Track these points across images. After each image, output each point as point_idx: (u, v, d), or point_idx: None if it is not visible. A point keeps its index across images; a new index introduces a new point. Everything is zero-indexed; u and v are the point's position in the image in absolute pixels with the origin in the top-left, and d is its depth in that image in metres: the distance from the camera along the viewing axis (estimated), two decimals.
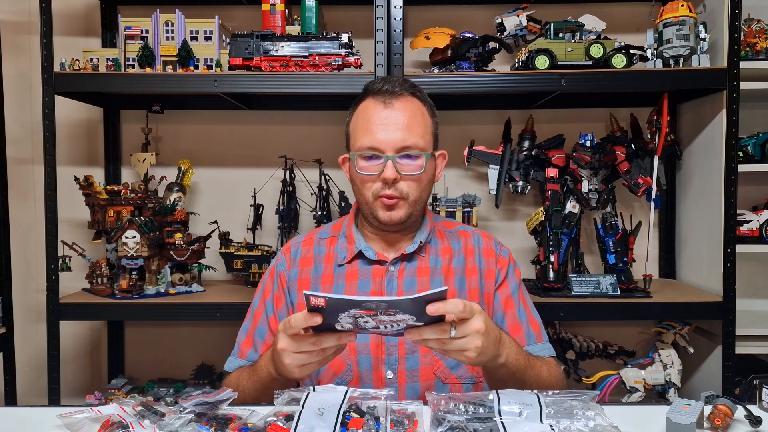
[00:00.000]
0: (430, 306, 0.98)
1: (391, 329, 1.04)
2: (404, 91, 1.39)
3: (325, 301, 0.97)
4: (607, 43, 2.03)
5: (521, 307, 1.45)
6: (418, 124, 1.37)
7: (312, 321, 1.02)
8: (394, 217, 1.37)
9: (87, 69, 2.04)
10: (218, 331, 2.47)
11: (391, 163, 1.33)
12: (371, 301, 0.96)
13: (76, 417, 1.04)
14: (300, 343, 1.07)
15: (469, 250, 1.47)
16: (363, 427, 0.94)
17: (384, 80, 1.41)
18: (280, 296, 1.45)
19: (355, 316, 0.99)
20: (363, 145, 1.36)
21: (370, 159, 1.36)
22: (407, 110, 1.37)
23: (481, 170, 2.43)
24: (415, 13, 2.40)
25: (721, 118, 2.03)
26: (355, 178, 1.40)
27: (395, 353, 1.36)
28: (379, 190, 1.36)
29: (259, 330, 1.44)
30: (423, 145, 1.36)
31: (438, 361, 1.36)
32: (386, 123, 1.35)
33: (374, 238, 1.47)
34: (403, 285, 1.40)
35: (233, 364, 1.43)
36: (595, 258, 2.34)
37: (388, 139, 1.34)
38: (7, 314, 2.13)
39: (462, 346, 1.05)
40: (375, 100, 1.38)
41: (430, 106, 1.44)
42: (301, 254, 1.48)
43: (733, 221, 2.02)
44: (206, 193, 2.50)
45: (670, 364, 2.09)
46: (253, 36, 2.02)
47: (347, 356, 1.36)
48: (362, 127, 1.38)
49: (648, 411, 1.13)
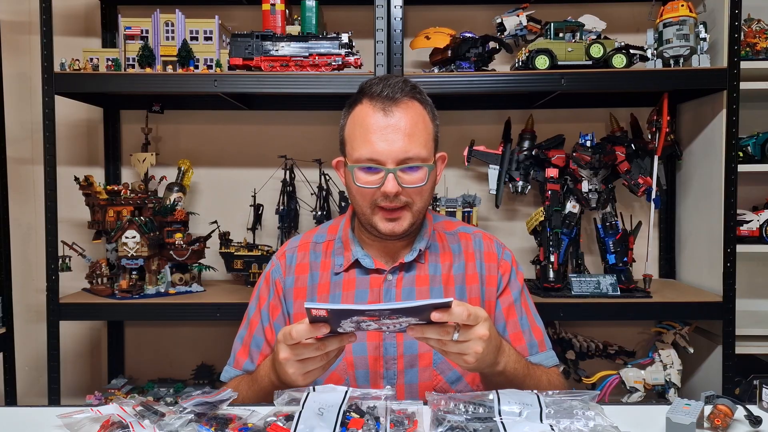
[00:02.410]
0: (434, 313, 0.98)
1: (394, 328, 1.04)
2: (404, 96, 1.30)
3: (328, 312, 0.97)
4: (607, 43, 2.03)
5: (523, 315, 1.41)
6: (420, 132, 1.29)
7: (317, 332, 1.01)
8: (396, 230, 1.31)
9: (87, 69, 2.04)
10: (218, 331, 2.47)
11: (392, 176, 1.26)
12: (374, 310, 0.96)
13: (76, 417, 1.04)
14: (302, 351, 1.06)
15: (470, 254, 1.42)
16: (363, 427, 0.94)
17: (382, 82, 1.31)
18: (276, 305, 1.41)
19: (358, 321, 0.99)
20: (362, 156, 1.28)
21: (369, 170, 1.29)
22: (409, 118, 1.28)
23: (481, 170, 2.42)
24: (415, 13, 2.40)
25: (721, 118, 2.03)
26: (353, 189, 1.33)
27: (394, 367, 1.33)
28: (379, 201, 1.29)
29: (255, 340, 1.41)
30: (425, 155, 1.29)
31: (437, 376, 1.33)
32: (386, 133, 1.27)
33: (371, 244, 1.41)
34: (401, 294, 1.36)
35: (230, 374, 1.41)
36: (595, 258, 2.34)
37: (389, 151, 1.26)
38: (7, 314, 2.13)
39: (462, 350, 1.05)
40: (373, 106, 1.29)
41: (431, 108, 1.36)
42: (296, 260, 1.43)
43: (733, 221, 2.02)
44: (206, 193, 2.50)
45: (670, 364, 2.09)
46: (253, 36, 2.02)
47: (345, 371, 1.33)
48: (360, 136, 1.29)
49: (648, 411, 1.13)
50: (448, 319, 1.00)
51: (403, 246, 1.40)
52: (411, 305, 0.96)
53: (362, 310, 0.96)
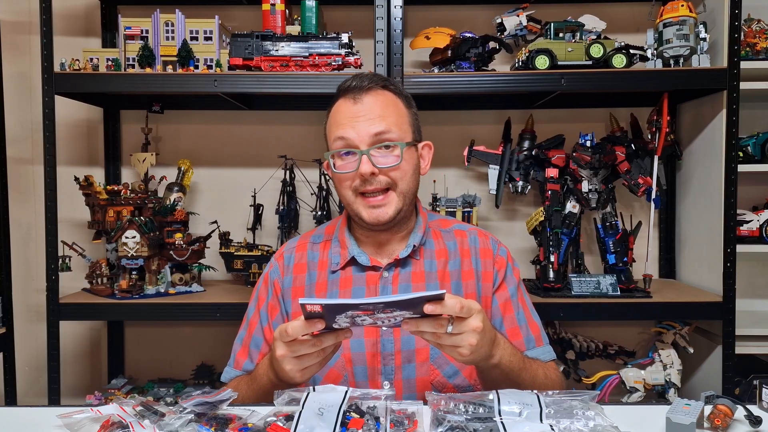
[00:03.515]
0: (427, 306, 0.98)
1: (389, 323, 1.04)
2: (374, 85, 1.35)
3: (322, 306, 0.97)
4: (607, 43, 2.03)
5: (520, 310, 1.41)
6: (390, 113, 1.33)
7: (312, 328, 1.02)
8: (382, 217, 1.33)
9: (87, 69, 2.04)
10: (218, 331, 2.47)
11: (365, 158, 1.29)
12: (368, 304, 0.96)
13: (76, 417, 1.04)
14: (298, 348, 1.06)
15: (465, 251, 1.43)
16: (363, 427, 0.94)
17: (354, 77, 1.37)
18: (274, 305, 1.42)
19: (353, 316, 0.99)
20: (336, 144, 1.33)
21: (345, 156, 1.33)
22: (378, 102, 1.34)
23: (481, 170, 2.43)
24: (415, 13, 2.40)
25: (721, 118, 2.03)
26: (334, 179, 1.37)
27: (391, 363, 1.33)
28: (359, 187, 1.32)
29: (254, 340, 1.41)
30: (398, 134, 1.32)
31: (435, 371, 1.34)
32: (357, 117, 1.31)
33: (366, 241, 1.42)
34: (398, 291, 1.37)
35: (230, 375, 1.41)
36: (595, 258, 2.34)
37: (360, 132, 1.30)
38: (7, 314, 2.13)
39: (457, 342, 1.05)
40: (345, 99, 1.35)
41: (405, 98, 1.40)
42: (294, 260, 1.45)
43: (733, 221, 2.02)
44: (206, 193, 2.50)
45: (670, 364, 2.09)
46: (253, 36, 2.02)
47: (343, 368, 1.34)
48: (334, 125, 1.35)
49: (648, 411, 1.13)
50: (441, 311, 0.99)
51: (397, 242, 1.42)
52: (403, 298, 0.96)
53: (356, 304, 0.96)
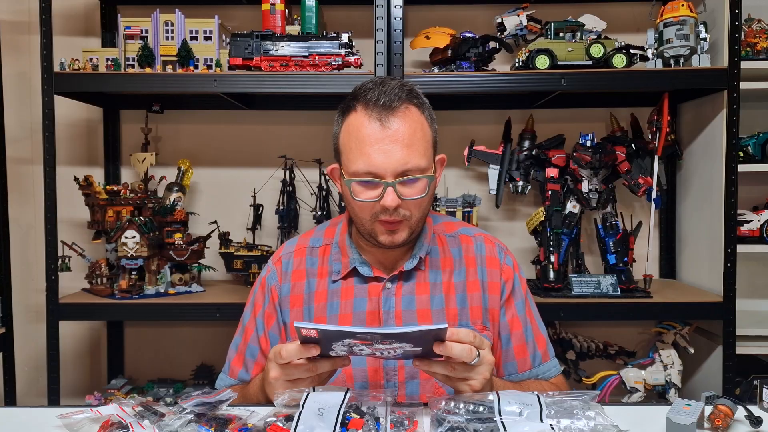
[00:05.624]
0: (437, 347, 0.99)
1: (388, 355, 1.02)
2: (400, 103, 1.22)
3: (318, 332, 0.96)
4: (608, 43, 2.02)
5: (528, 325, 1.38)
6: (419, 140, 1.22)
7: (307, 353, 1.01)
8: (397, 240, 1.26)
9: (87, 69, 2.04)
10: (218, 331, 2.47)
11: (391, 190, 1.20)
12: (366, 333, 0.94)
13: (75, 417, 1.04)
14: (292, 372, 1.05)
15: (471, 259, 1.37)
16: (363, 428, 0.94)
17: (377, 87, 1.24)
18: (271, 313, 1.37)
19: (350, 345, 0.98)
20: (359, 170, 1.21)
21: (367, 184, 1.22)
22: (407, 127, 1.21)
23: (481, 170, 2.42)
24: (415, 13, 2.40)
25: (722, 118, 2.03)
26: (351, 203, 1.27)
27: (394, 378, 1.29)
28: (378, 214, 1.24)
29: (250, 349, 1.38)
30: (425, 165, 1.23)
31: (439, 388, 1.29)
32: (383, 144, 1.20)
33: (369, 250, 1.35)
34: (401, 303, 1.32)
35: (224, 383, 1.39)
36: (596, 258, 2.34)
37: (388, 164, 1.19)
38: (7, 314, 2.13)
39: (470, 376, 1.05)
40: (369, 116, 1.22)
41: (428, 111, 1.29)
42: (293, 266, 1.38)
43: (733, 221, 2.02)
44: (206, 193, 2.50)
45: (670, 365, 2.09)
46: (253, 36, 2.02)
47: (344, 383, 1.29)
48: (356, 148, 1.22)
49: (648, 411, 1.13)
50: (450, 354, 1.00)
51: (402, 253, 1.35)
52: (404, 331, 0.94)
53: (353, 332, 0.94)
